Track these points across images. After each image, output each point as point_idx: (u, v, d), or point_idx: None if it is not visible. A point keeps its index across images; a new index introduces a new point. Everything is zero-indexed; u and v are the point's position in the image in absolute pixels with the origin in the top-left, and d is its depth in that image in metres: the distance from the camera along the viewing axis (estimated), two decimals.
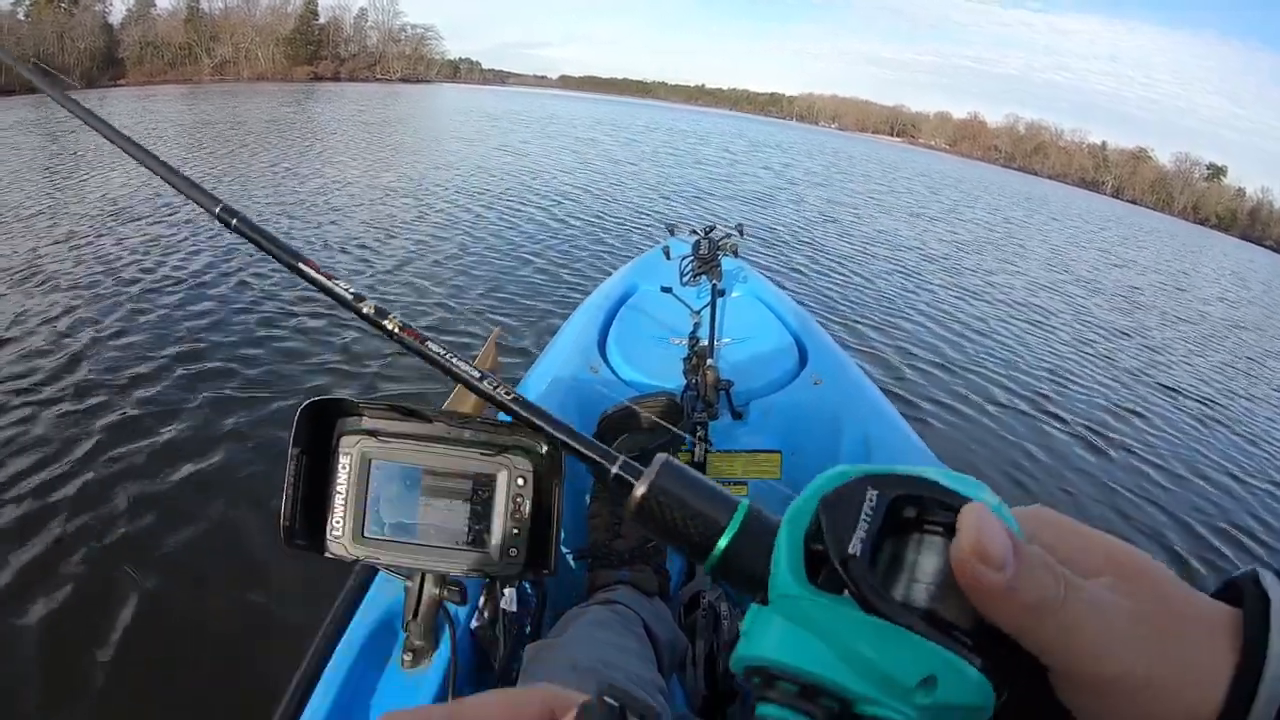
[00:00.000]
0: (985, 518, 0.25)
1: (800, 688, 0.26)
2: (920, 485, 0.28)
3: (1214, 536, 3.58)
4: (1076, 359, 6.27)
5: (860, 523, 0.27)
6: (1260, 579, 0.27)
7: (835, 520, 0.27)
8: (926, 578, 0.26)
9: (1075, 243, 17.13)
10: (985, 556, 0.24)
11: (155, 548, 2.45)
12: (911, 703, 0.25)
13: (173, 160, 0.68)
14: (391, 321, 0.44)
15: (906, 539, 0.27)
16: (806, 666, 0.26)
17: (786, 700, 0.26)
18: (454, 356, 0.42)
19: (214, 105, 22.38)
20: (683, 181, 14.09)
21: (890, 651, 0.25)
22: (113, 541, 2.46)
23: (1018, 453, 4.02)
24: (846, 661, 0.25)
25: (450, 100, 39.66)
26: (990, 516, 0.25)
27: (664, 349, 1.99)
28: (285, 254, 0.45)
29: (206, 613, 2.22)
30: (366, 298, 0.44)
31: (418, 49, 71.43)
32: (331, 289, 0.45)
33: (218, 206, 0.52)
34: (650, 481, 0.33)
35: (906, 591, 0.26)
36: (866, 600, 0.25)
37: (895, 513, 0.27)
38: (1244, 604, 0.27)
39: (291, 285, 5.14)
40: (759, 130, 48.65)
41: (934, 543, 0.27)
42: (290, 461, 0.90)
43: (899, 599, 0.26)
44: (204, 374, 3.69)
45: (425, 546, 0.93)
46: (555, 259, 6.63)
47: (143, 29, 47.00)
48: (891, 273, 8.27)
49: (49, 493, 2.66)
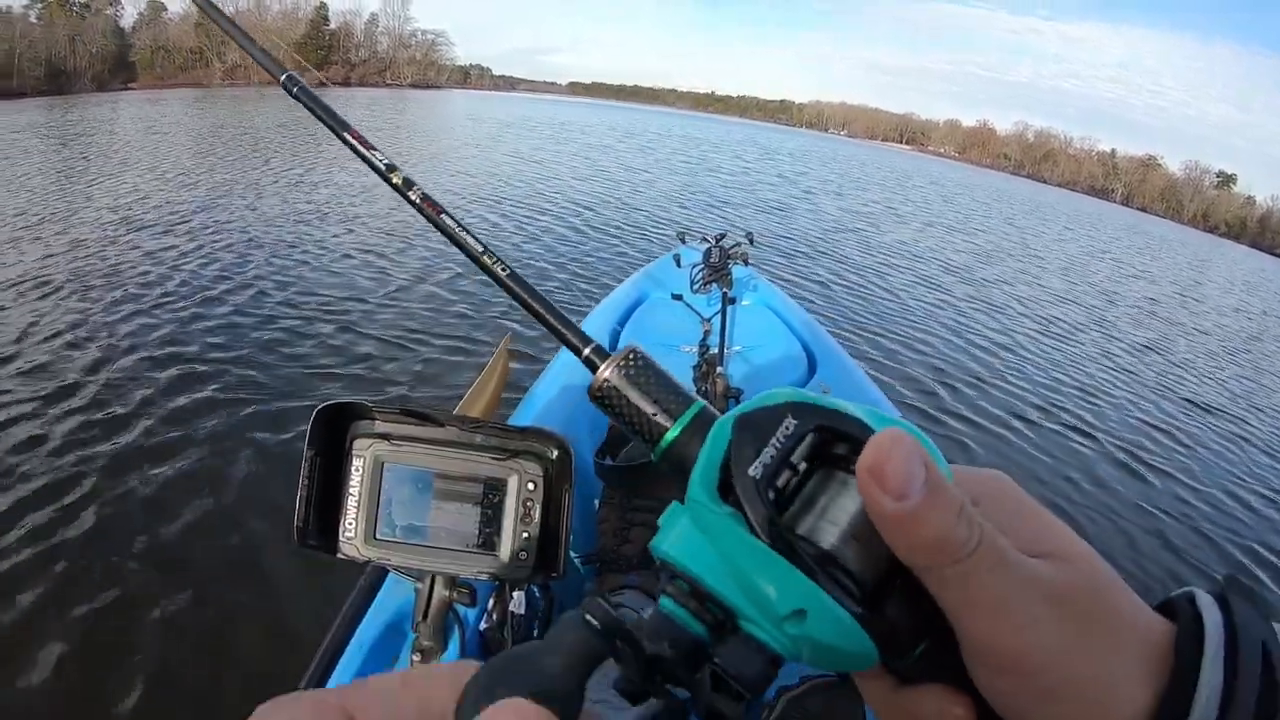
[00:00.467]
0: (897, 443, 0.23)
1: (692, 589, 0.26)
2: (841, 420, 0.27)
3: (1244, 555, 3.57)
4: (1099, 373, 6.24)
5: (769, 447, 0.26)
6: (1196, 599, 0.26)
7: (744, 440, 0.27)
8: (837, 518, 0.26)
9: (1091, 253, 17.10)
10: (883, 479, 0.23)
11: (166, 548, 2.47)
12: (783, 630, 0.25)
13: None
14: (415, 193, 0.48)
15: (832, 476, 0.27)
16: (696, 570, 0.26)
17: (680, 597, 0.26)
18: (465, 231, 0.45)
19: (225, 110, 22.54)
20: (698, 189, 14.12)
21: (766, 577, 0.25)
22: (124, 542, 2.48)
23: (1041, 468, 4.01)
24: (732, 576, 0.25)
25: (461, 106, 39.81)
26: (904, 444, 0.23)
27: (674, 356, 2.00)
28: (335, 122, 0.50)
29: (218, 611, 2.24)
30: (399, 168, 0.50)
31: (428, 54, 71.78)
32: (369, 158, 0.50)
33: (283, 75, 0.59)
34: (615, 366, 0.33)
35: (812, 527, 0.26)
36: (749, 523, 0.25)
37: (826, 447, 0.27)
38: (1178, 624, 0.25)
39: (307, 291, 5.18)
40: (770, 137, 48.71)
41: (853, 483, 0.25)
42: (304, 463, 0.91)
43: (802, 533, 0.26)
44: (217, 379, 3.72)
45: (436, 549, 0.94)
46: (567, 266, 6.66)
47: (154, 33, 47.35)
48: (912, 284, 8.27)
49: (55, 498, 2.69)
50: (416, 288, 5.58)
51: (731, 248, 2.55)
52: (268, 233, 6.86)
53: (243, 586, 2.33)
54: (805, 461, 0.27)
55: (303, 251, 6.32)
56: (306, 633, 2.08)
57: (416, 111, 30.21)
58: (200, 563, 2.42)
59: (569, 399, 1.70)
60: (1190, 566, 3.32)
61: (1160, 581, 3.13)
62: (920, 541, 0.23)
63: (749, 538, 0.25)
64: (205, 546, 2.50)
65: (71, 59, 38.50)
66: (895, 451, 0.23)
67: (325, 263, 6.03)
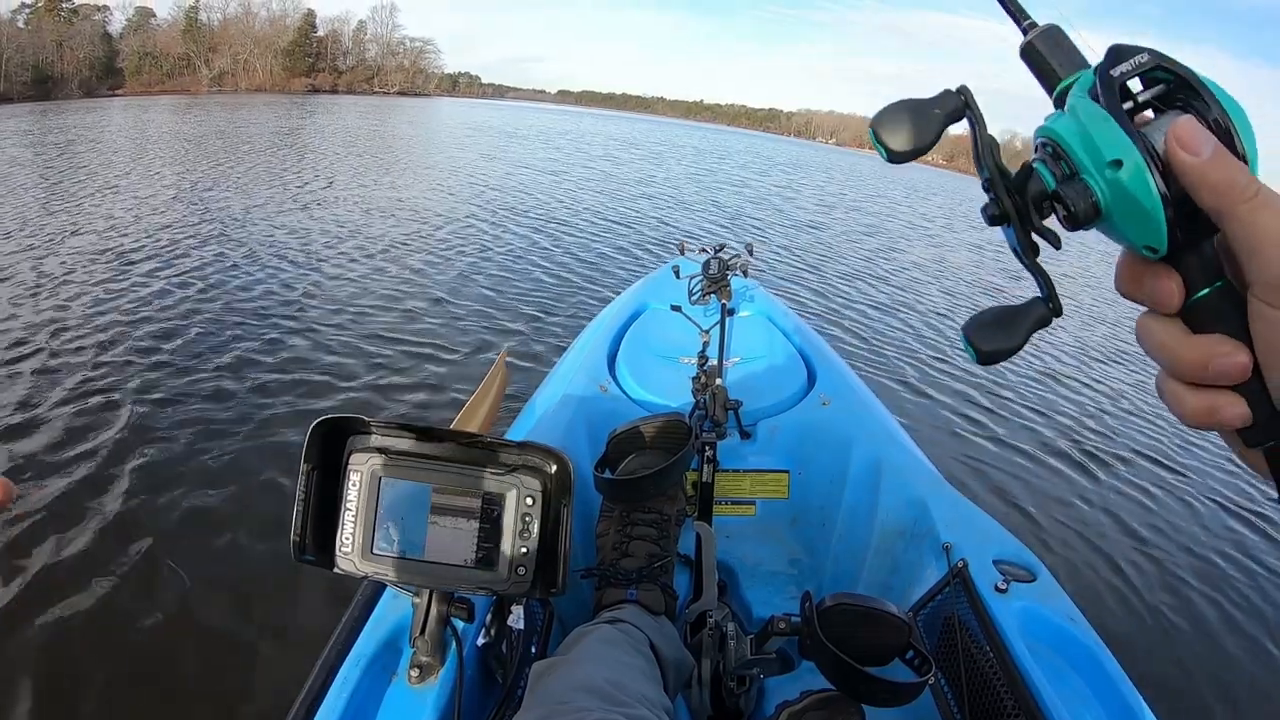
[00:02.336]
0: (1192, 121, 0.33)
1: (1054, 150, 0.37)
2: (1195, 79, 0.35)
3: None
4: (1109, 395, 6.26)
5: (1127, 64, 0.36)
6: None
7: (1111, 57, 0.37)
8: (1161, 132, 0.34)
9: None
10: (1184, 142, 0.32)
11: (165, 560, 2.45)
12: (1104, 176, 0.35)
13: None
14: None
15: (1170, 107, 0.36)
16: (1059, 131, 0.37)
17: (1046, 160, 0.38)
18: None
19: (216, 118, 22.45)
20: (703, 202, 14.13)
21: (1101, 132, 0.35)
22: (119, 554, 2.45)
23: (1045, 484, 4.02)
24: (1079, 135, 0.36)
25: (449, 114, 39.79)
26: (1199, 129, 0.33)
27: (673, 368, 2.00)
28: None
29: (215, 624, 2.22)
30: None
31: (416, 62, 71.72)
32: None
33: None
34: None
35: (1145, 129, 0.35)
36: (1097, 99, 0.35)
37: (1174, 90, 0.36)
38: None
39: (303, 303, 5.15)
40: (763, 146, 48.85)
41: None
42: (301, 478, 0.91)
43: (1136, 128, 0.35)
44: (208, 394, 3.69)
45: (433, 564, 0.93)
46: (566, 278, 6.65)
47: (141, 39, 47.18)
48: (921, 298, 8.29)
49: (50, 505, 2.66)
50: (414, 300, 5.55)
51: (730, 259, 2.55)
52: (267, 246, 6.82)
53: (240, 599, 2.31)
54: (1145, 87, 0.36)
55: (301, 263, 6.30)
56: (303, 646, 2.07)
57: (406, 122, 30.14)
58: (195, 576, 2.40)
59: (568, 411, 1.69)
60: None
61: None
62: (1214, 183, 0.32)
63: (1099, 109, 0.35)
64: (200, 560, 2.47)
65: (59, 65, 38.34)
66: (1193, 129, 0.33)
67: (323, 274, 6.02)
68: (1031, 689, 1.00)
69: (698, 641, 1.24)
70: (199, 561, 2.47)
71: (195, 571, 2.42)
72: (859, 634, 0.99)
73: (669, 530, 1.35)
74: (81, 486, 2.78)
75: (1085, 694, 1.03)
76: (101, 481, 2.83)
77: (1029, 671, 1.02)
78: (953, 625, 1.18)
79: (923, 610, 1.27)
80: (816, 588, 1.56)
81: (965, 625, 1.16)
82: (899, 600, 1.30)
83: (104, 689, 1.96)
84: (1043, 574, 1.23)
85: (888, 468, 1.57)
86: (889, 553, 1.46)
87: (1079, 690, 1.04)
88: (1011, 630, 1.09)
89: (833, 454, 1.70)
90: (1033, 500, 3.72)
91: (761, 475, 1.76)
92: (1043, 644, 1.10)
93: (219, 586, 2.37)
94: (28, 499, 2.64)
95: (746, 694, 1.18)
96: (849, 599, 1.02)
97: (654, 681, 0.99)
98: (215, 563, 2.48)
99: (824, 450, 1.73)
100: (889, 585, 1.42)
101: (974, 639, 1.13)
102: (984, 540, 1.29)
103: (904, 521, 1.45)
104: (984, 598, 1.15)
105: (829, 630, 0.98)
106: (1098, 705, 1.01)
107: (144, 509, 2.71)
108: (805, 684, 1.05)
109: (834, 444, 1.72)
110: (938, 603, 1.25)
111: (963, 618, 1.17)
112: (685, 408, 1.75)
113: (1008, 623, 1.10)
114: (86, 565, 2.38)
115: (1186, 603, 3.07)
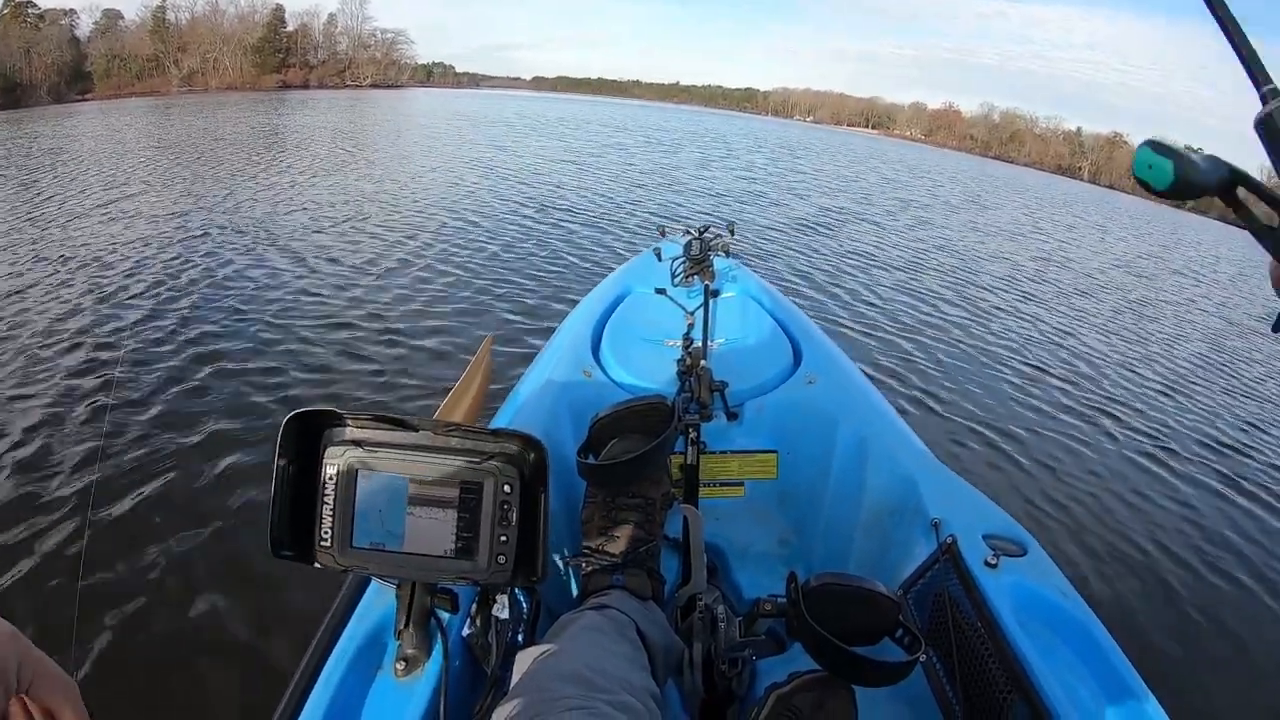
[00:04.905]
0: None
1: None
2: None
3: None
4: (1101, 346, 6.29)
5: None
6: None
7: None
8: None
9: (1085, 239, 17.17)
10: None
11: (149, 556, 2.44)
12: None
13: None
14: None
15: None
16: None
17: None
18: None
19: (190, 119, 22.20)
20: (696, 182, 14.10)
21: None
22: (102, 551, 2.44)
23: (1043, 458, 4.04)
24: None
25: (424, 105, 39.41)
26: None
27: (657, 351, 1.98)
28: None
29: (201, 620, 2.21)
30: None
31: (388, 54, 70.89)
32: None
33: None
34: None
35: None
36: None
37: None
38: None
39: (280, 295, 5.11)
40: (749, 126, 48.65)
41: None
42: (276, 473, 0.89)
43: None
44: (188, 388, 3.67)
45: (414, 556, 0.92)
46: (548, 266, 6.64)
47: (109, 42, 46.45)
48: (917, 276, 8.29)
49: (37, 501, 2.68)
50: (394, 289, 5.54)
51: (712, 239, 2.53)
52: (242, 238, 6.80)
53: (224, 596, 2.30)
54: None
55: (278, 256, 6.26)
56: (289, 642, 2.08)
57: (379, 114, 29.89)
58: (178, 571, 2.40)
59: (551, 397, 1.68)
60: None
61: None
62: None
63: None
64: (182, 556, 2.47)
65: (27, 71, 37.73)
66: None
67: (303, 267, 5.98)
68: (1024, 664, 1.00)
69: (688, 625, 1.23)
70: (184, 556, 2.47)
71: (179, 566, 2.42)
72: (847, 613, 0.98)
73: (654, 514, 1.34)
74: (56, 483, 2.78)
75: (1078, 667, 1.03)
76: (78, 477, 2.83)
77: (1021, 646, 1.02)
78: (943, 602, 1.18)
79: (913, 588, 1.27)
80: (806, 567, 1.55)
81: (956, 601, 1.16)
82: (889, 578, 1.29)
83: (83, 685, 1.94)
84: (1033, 548, 1.22)
85: (875, 445, 1.57)
86: (879, 530, 1.45)
87: (1071, 664, 1.03)
88: (1003, 605, 1.08)
89: (820, 433, 1.69)
90: (1022, 474, 3.75)
91: (749, 456, 1.76)
92: (1034, 619, 1.09)
93: (204, 581, 2.37)
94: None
95: (739, 676, 1.18)
96: (836, 579, 1.02)
97: (640, 667, 0.98)
98: (200, 557, 2.47)
99: (811, 429, 1.72)
100: (879, 563, 1.41)
101: (965, 615, 1.13)
102: (974, 516, 1.29)
103: (893, 499, 1.44)
104: (974, 573, 1.15)
105: (816, 610, 0.98)
106: (1090, 678, 1.01)
107: (126, 504, 2.70)
108: (798, 665, 1.05)
109: (821, 422, 1.71)
110: (928, 580, 1.25)
111: (953, 594, 1.17)
112: (670, 390, 1.74)
113: (999, 598, 1.10)
114: (69, 562, 2.37)
115: (1178, 574, 3.10)
